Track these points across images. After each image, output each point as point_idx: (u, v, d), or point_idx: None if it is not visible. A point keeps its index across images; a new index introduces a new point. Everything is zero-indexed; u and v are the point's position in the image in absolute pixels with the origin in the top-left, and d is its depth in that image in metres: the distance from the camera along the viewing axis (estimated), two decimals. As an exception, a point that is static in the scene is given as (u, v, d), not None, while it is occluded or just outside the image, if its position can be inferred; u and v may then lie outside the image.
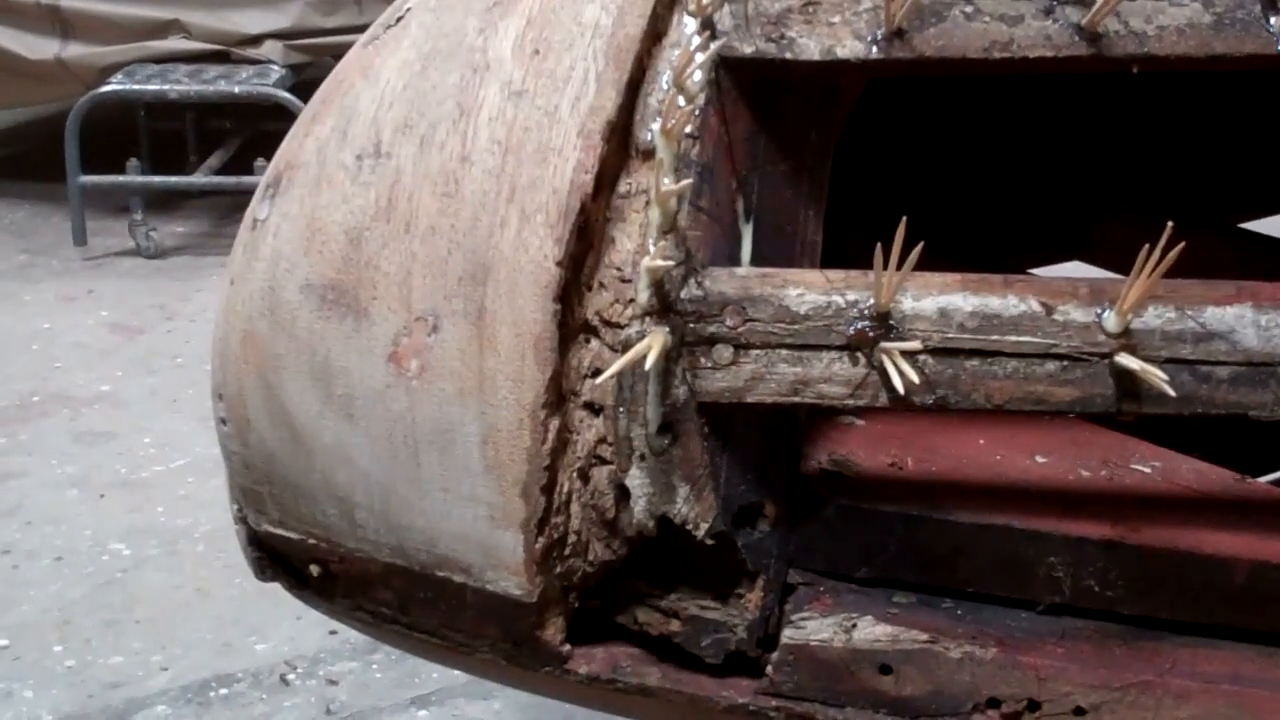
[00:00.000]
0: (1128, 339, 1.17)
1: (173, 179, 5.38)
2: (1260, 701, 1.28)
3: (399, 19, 1.35)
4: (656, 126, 1.22)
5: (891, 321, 1.18)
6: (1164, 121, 2.25)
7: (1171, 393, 1.15)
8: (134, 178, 5.22)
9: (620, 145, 1.25)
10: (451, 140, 1.26)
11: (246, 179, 5.09)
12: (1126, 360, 1.16)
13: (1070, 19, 1.21)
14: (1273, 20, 1.20)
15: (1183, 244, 1.10)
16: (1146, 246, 1.12)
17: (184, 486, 3.55)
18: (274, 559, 1.44)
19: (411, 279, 1.26)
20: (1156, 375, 1.14)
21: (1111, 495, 1.36)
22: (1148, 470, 1.41)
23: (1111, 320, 1.17)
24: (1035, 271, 1.94)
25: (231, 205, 5.57)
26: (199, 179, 5.38)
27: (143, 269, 5.14)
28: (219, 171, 5.41)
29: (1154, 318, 1.17)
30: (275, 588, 1.48)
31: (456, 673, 2.23)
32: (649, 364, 1.18)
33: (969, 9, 1.22)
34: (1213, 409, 1.18)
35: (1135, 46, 1.20)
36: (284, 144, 1.37)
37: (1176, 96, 2.15)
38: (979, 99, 2.12)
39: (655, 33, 1.26)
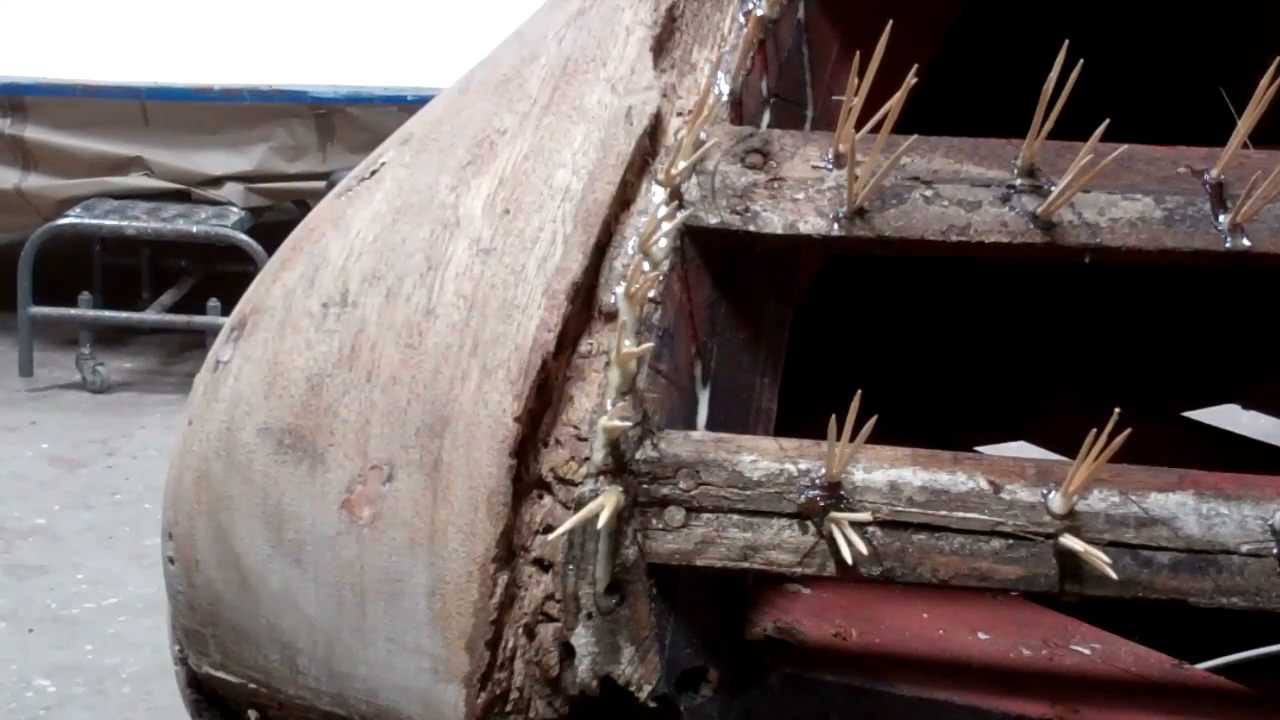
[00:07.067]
0: (1072, 520, 1.19)
1: (123, 314, 5.35)
2: None
3: (373, 172, 1.38)
4: (621, 290, 1.25)
5: (842, 492, 1.20)
6: (1112, 308, 2.31)
7: (1114, 576, 1.16)
8: (84, 311, 5.20)
9: (584, 306, 1.27)
10: (418, 293, 1.28)
11: (198, 318, 5.09)
12: (1070, 541, 1.18)
13: (1026, 207, 1.25)
14: (1221, 218, 1.24)
15: (1128, 430, 1.13)
16: (1093, 431, 1.14)
17: (114, 625, 3.49)
18: (212, 702, 1.42)
19: (370, 427, 1.27)
20: (1099, 558, 1.16)
21: (1051, 675, 1.37)
22: (1087, 652, 1.42)
23: (1057, 501, 1.19)
24: (982, 449, 1.98)
25: (181, 343, 5.55)
26: (149, 315, 5.36)
27: (87, 403, 5.10)
28: (171, 309, 5.39)
29: (1098, 501, 1.19)
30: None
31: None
32: (601, 523, 1.18)
33: (929, 193, 1.25)
34: (1153, 594, 1.20)
35: (1088, 237, 1.24)
36: (251, 288, 1.38)
37: (1126, 284, 2.20)
38: (935, 277, 2.16)
39: (624, 199, 1.29)
